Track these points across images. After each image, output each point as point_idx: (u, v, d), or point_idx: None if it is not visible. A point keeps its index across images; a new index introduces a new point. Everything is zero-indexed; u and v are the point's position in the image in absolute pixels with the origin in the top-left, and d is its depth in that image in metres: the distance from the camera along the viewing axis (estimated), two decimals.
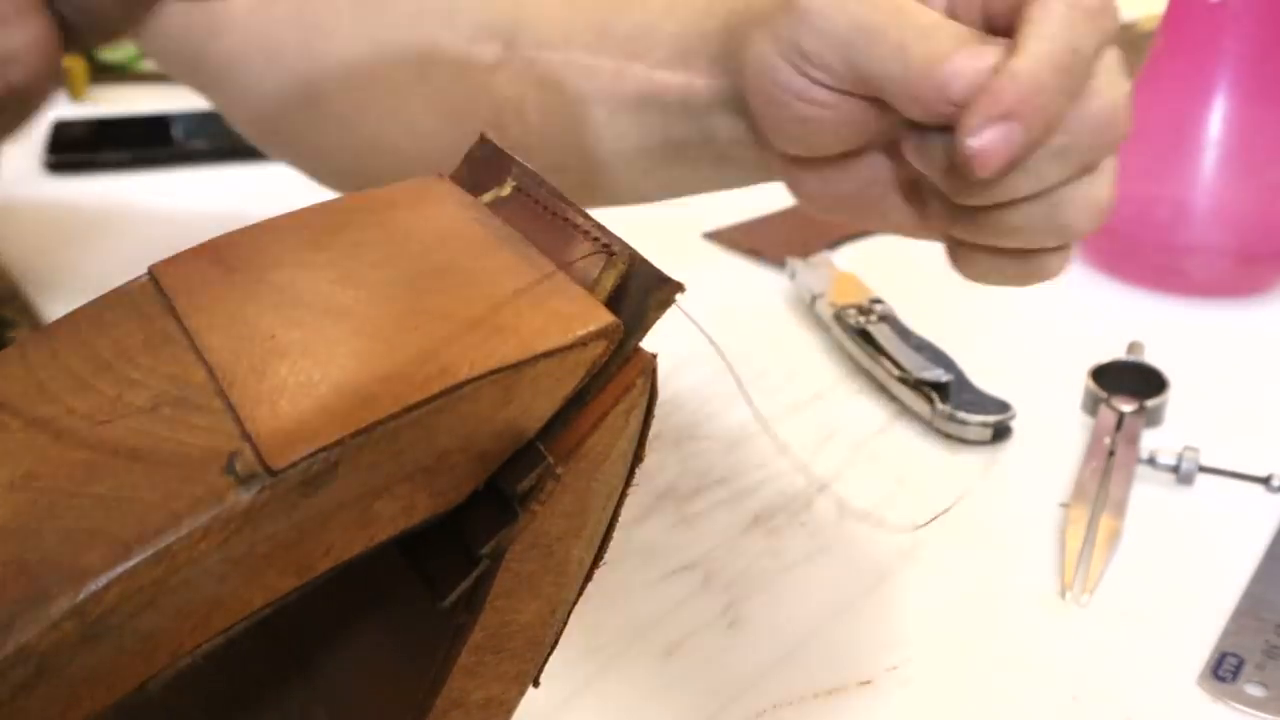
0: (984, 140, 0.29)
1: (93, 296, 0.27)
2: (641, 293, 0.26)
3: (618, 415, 0.26)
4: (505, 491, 0.25)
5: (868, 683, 0.38)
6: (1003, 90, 0.29)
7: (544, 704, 0.35)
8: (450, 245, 0.27)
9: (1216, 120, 0.59)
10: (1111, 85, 0.32)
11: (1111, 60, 0.32)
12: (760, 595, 0.41)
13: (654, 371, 0.26)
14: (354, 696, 0.28)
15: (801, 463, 0.49)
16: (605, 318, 0.25)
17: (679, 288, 0.26)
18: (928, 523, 0.43)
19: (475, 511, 0.25)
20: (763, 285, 0.63)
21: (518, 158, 0.30)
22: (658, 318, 0.27)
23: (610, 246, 0.27)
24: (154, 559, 0.20)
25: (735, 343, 0.40)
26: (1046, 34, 0.30)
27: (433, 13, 0.48)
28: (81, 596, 0.20)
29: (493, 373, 0.23)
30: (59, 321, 0.26)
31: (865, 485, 0.47)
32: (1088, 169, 0.33)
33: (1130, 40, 1.13)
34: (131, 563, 0.20)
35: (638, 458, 0.28)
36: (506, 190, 0.29)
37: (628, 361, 0.26)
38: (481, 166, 0.30)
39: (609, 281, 0.26)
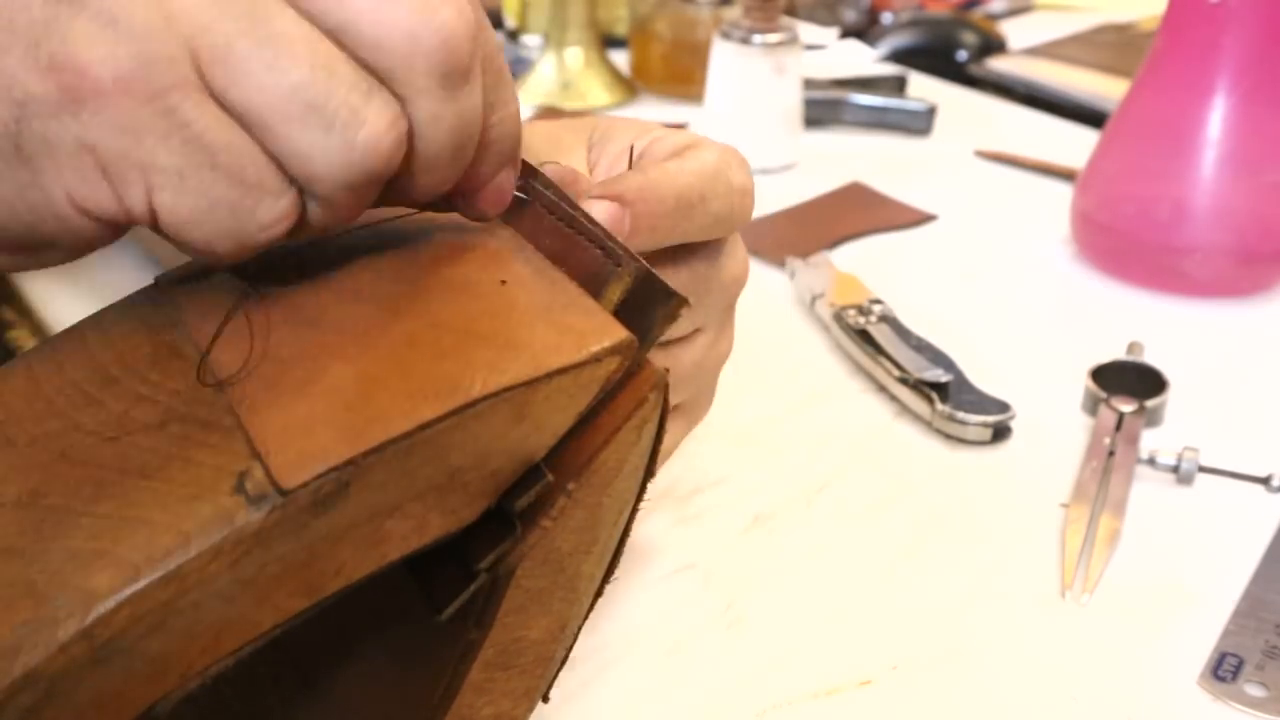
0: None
1: (96, 298, 0.26)
2: (648, 305, 0.26)
3: (629, 430, 0.25)
4: (504, 508, 0.25)
5: (868, 683, 0.38)
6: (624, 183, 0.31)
7: (544, 703, 0.35)
8: (462, 259, 0.27)
9: (1216, 120, 0.59)
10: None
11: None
12: (760, 595, 0.41)
13: (666, 386, 0.26)
14: (362, 715, 0.28)
15: (801, 463, 0.49)
16: (619, 333, 0.25)
17: (684, 302, 0.26)
18: None
19: (477, 528, 0.25)
20: (763, 285, 0.63)
21: (523, 156, 0.30)
22: (663, 332, 0.26)
23: (617, 256, 0.26)
24: (163, 581, 0.20)
25: (736, 342, 0.40)
26: (690, 169, 0.32)
27: None
28: (90, 619, 0.19)
29: (505, 390, 0.23)
30: (64, 334, 0.26)
31: (865, 485, 0.47)
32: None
33: (1130, 40, 1.13)
34: (140, 584, 0.20)
35: (649, 473, 0.28)
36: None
37: (636, 375, 0.26)
38: None
39: (615, 294, 0.26)
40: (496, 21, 1.01)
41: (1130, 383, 0.51)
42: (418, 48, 0.23)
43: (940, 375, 0.51)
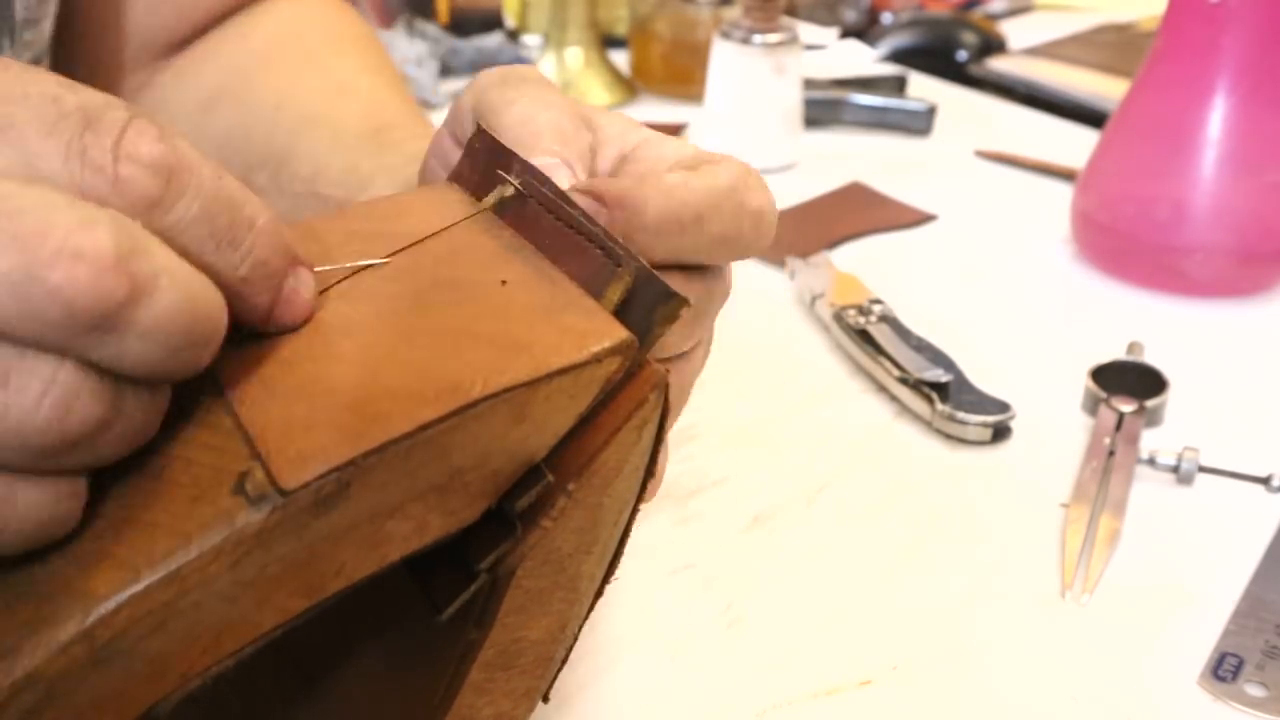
0: None
1: None
2: (648, 306, 0.26)
3: (629, 431, 0.25)
4: (505, 508, 0.25)
5: (868, 683, 0.38)
6: (603, 186, 0.29)
7: (544, 704, 0.35)
8: (461, 259, 0.26)
9: (1216, 120, 0.59)
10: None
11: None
12: (760, 595, 0.41)
13: (666, 386, 0.26)
14: (363, 715, 0.28)
15: (801, 463, 0.49)
16: (620, 333, 0.25)
17: (684, 303, 0.26)
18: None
19: (477, 528, 0.25)
20: (763, 285, 0.63)
21: (517, 151, 0.30)
22: (663, 333, 0.26)
23: (617, 257, 0.26)
24: (164, 582, 0.20)
25: (736, 342, 0.40)
26: (695, 184, 0.30)
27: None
28: (90, 620, 0.19)
29: (505, 391, 0.23)
30: None
31: (865, 485, 0.47)
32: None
33: (1130, 40, 1.13)
34: (141, 585, 0.20)
35: (650, 473, 0.28)
36: (510, 190, 0.29)
37: (636, 376, 0.26)
38: (481, 158, 0.30)
39: (615, 294, 0.26)
40: (496, 21, 1.01)
41: (1130, 383, 0.51)
42: (44, 321, 0.19)
43: (940, 375, 0.51)
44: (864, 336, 0.54)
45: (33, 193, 0.20)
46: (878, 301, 0.57)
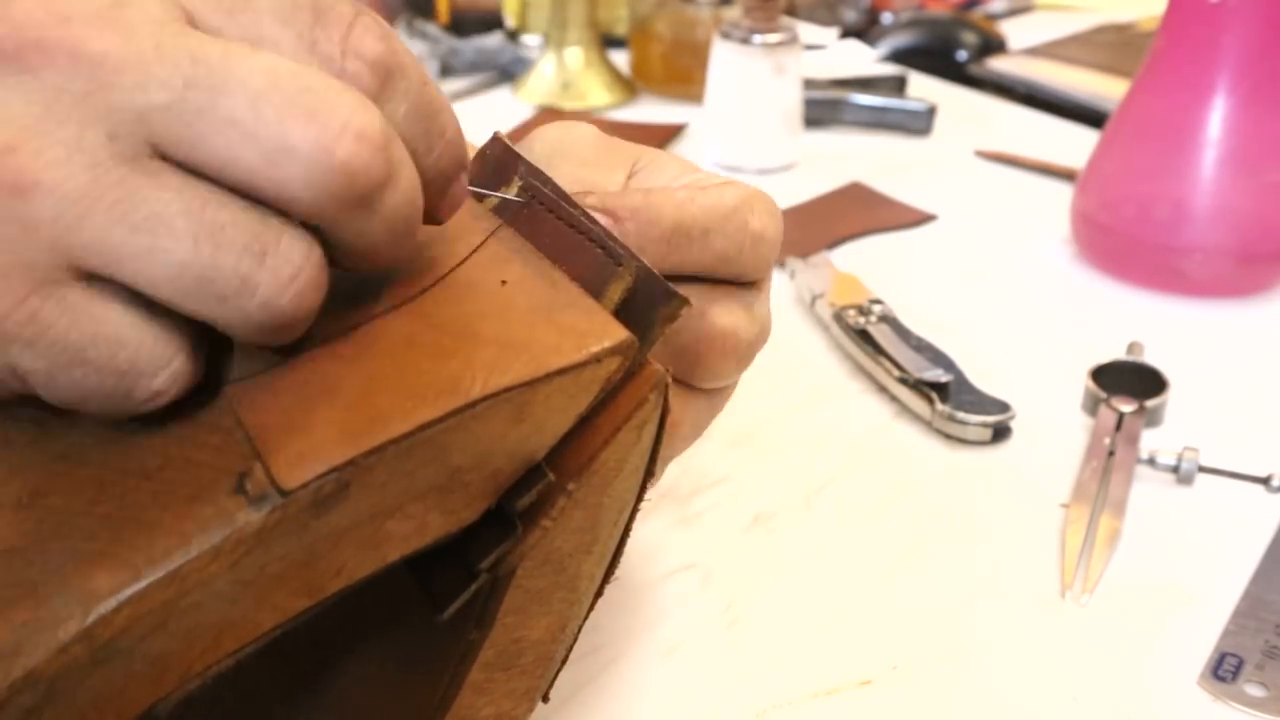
0: None
1: None
2: (648, 306, 0.26)
3: (629, 431, 0.25)
4: (505, 508, 0.25)
5: (868, 683, 0.38)
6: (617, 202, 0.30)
7: (544, 703, 0.35)
8: (461, 260, 0.27)
9: (1216, 120, 0.59)
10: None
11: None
12: (760, 595, 0.41)
13: (667, 386, 0.26)
14: (362, 715, 0.28)
15: (801, 463, 0.49)
16: (620, 334, 0.25)
17: (685, 303, 0.26)
18: None
19: (477, 528, 0.25)
20: None
21: (524, 155, 0.30)
22: (663, 333, 0.26)
23: (618, 256, 0.26)
24: (164, 581, 0.20)
25: None
26: (700, 201, 0.31)
27: None
28: (90, 619, 0.19)
29: (505, 391, 0.23)
30: None
31: (865, 485, 0.47)
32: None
33: (1130, 40, 1.12)
34: (141, 585, 0.20)
35: (650, 473, 0.28)
36: (514, 191, 0.29)
37: (636, 376, 0.26)
38: (490, 164, 0.30)
39: (616, 294, 0.26)
40: (497, 22, 1.01)
41: (1130, 383, 0.51)
42: (323, 192, 0.21)
43: (940, 375, 0.51)
44: (864, 336, 0.54)
45: (312, 72, 0.22)
46: (878, 301, 0.57)
